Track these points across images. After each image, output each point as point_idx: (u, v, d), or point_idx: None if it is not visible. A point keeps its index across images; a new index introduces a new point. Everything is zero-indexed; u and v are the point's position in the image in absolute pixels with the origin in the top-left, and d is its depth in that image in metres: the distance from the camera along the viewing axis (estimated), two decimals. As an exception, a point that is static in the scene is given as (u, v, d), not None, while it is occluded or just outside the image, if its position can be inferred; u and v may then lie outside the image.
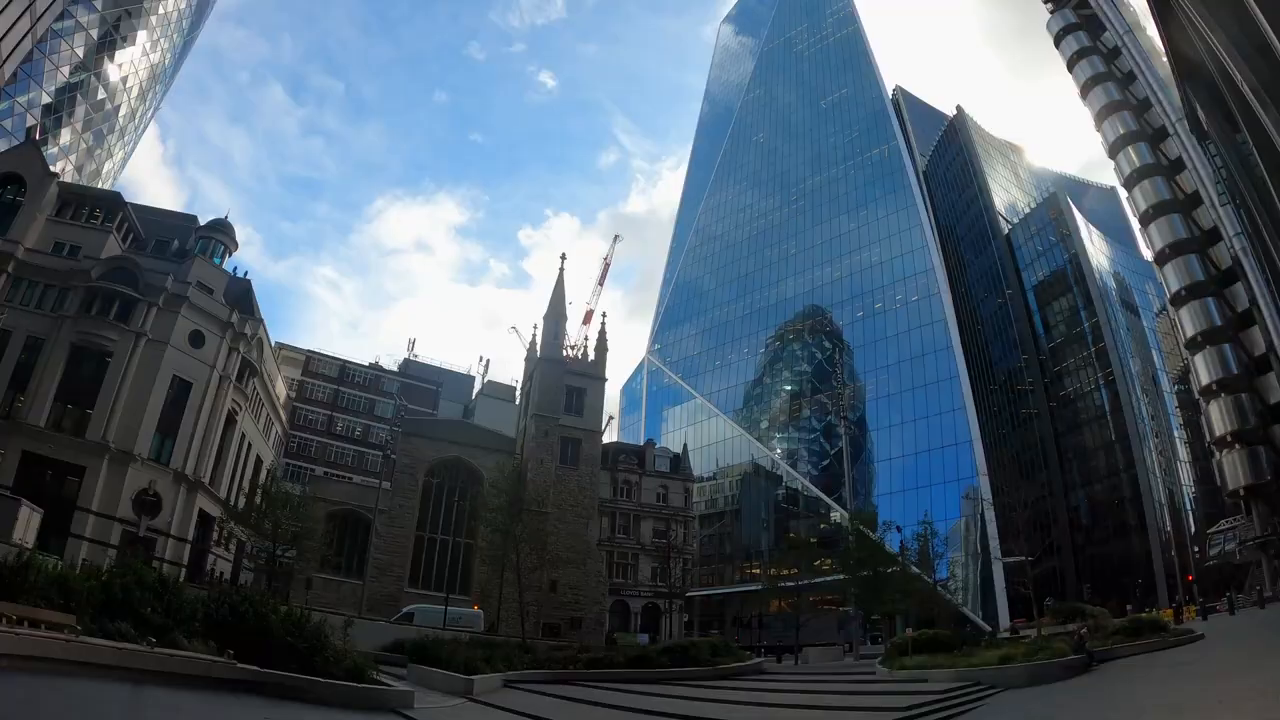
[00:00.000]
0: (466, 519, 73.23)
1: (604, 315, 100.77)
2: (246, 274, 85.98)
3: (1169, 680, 26.74)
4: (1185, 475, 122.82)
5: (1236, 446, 78.92)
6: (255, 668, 20.58)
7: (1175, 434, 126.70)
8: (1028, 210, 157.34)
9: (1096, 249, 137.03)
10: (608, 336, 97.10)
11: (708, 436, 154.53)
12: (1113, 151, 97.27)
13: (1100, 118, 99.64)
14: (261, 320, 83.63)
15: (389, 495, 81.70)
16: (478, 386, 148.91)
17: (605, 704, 30.43)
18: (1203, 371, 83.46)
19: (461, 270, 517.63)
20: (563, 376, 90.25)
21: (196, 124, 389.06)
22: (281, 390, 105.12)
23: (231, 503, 72.49)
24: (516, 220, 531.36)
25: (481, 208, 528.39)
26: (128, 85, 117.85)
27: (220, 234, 79.13)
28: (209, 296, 72.50)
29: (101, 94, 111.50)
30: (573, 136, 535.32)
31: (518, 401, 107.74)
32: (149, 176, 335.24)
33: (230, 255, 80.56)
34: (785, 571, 77.40)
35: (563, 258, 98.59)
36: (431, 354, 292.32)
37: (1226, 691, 22.15)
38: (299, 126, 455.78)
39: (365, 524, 78.51)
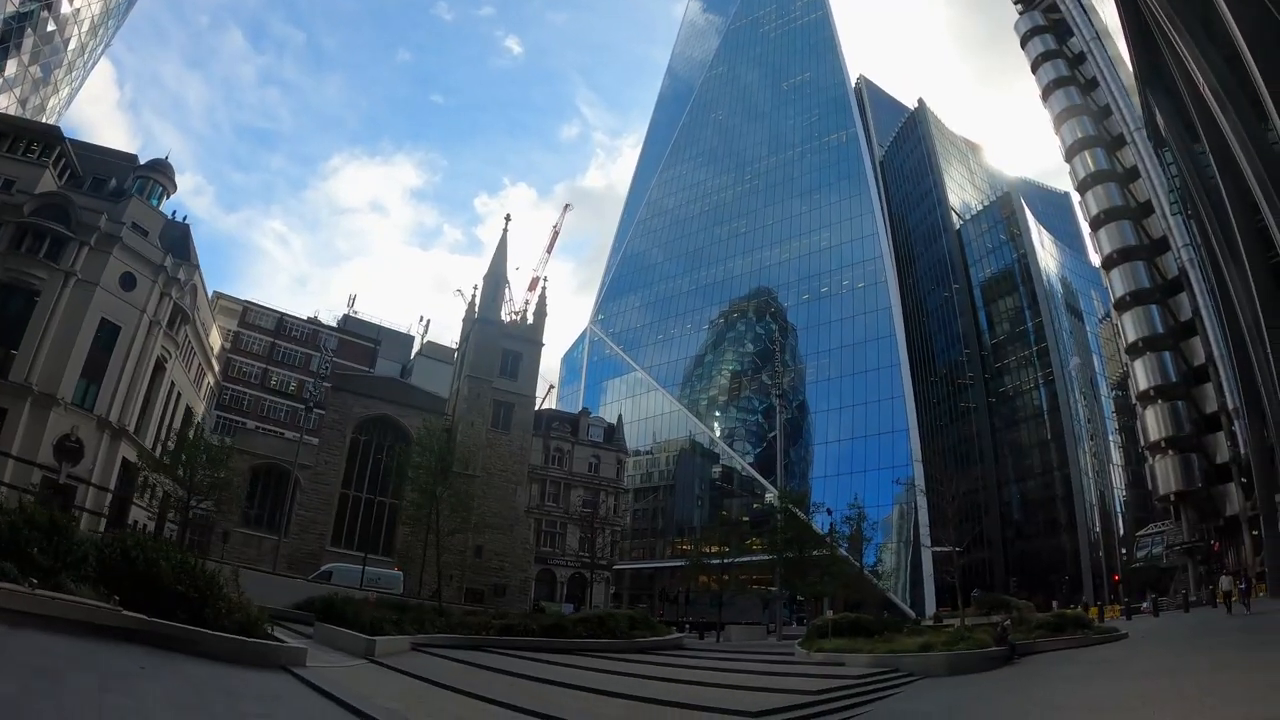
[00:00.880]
0: (393, 479, 71.46)
1: (545, 279, 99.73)
2: (185, 218, 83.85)
3: (1091, 678, 25.94)
4: (1117, 478, 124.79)
5: (1170, 452, 80.00)
6: (142, 616, 19.01)
7: (1110, 438, 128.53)
8: (981, 207, 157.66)
9: (1046, 251, 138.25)
10: (547, 302, 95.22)
11: (646, 410, 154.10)
12: (1069, 154, 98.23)
13: (1060, 120, 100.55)
14: (197, 266, 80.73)
15: (315, 451, 79.72)
16: (417, 347, 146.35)
17: (509, 671, 29.20)
18: (1141, 377, 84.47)
19: (415, 233, 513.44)
20: (499, 339, 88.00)
21: (152, 66, 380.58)
22: (216, 340, 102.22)
23: (158, 454, 69.86)
24: (473, 187, 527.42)
25: (439, 172, 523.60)
26: (79, 18, 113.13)
27: (159, 174, 75.98)
28: (143, 238, 69.59)
29: (51, 26, 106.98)
30: (535, 105, 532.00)
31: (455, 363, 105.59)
32: (104, 121, 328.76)
33: (168, 197, 77.66)
34: (712, 549, 76.68)
35: (507, 219, 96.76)
36: (375, 312, 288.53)
37: (1150, 692, 21.32)
38: (257, 74, 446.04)
39: (291, 479, 76.43)
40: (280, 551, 69.92)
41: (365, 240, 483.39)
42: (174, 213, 78.51)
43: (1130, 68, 72.52)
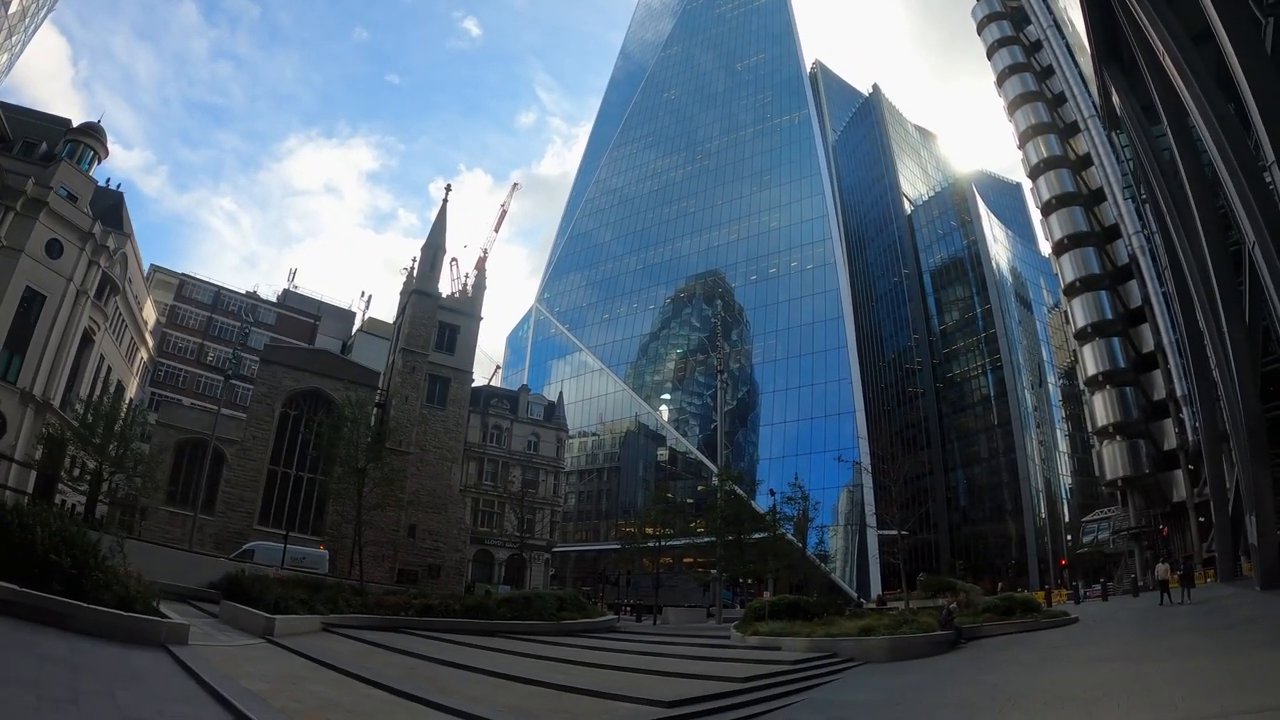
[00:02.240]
0: (315, 451, 68.59)
1: (484, 251, 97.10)
2: (119, 186, 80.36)
3: (1043, 664, 24.13)
4: (1063, 465, 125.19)
5: (1118, 438, 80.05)
6: (13, 586, 18.30)
7: (1057, 426, 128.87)
8: (933, 194, 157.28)
9: (996, 239, 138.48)
10: (486, 276, 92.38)
11: (592, 390, 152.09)
12: (1023, 140, 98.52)
13: (1014, 106, 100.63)
14: (129, 235, 77.27)
15: (242, 426, 76.67)
16: (359, 323, 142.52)
17: (414, 653, 27.37)
18: (1090, 362, 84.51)
19: (370, 217, 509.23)
20: (435, 311, 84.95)
21: (104, 38, 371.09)
22: (150, 313, 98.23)
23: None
24: (429, 171, 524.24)
25: (395, 155, 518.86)
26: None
27: (90, 137, 71.89)
28: (72, 205, 65.79)
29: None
30: (493, 89, 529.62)
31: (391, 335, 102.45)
32: (59, 100, 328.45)
33: (100, 161, 73.70)
34: (650, 531, 74.76)
35: (448, 188, 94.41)
36: (318, 289, 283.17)
37: (1111, 681, 19.44)
38: (209, 48, 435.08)
39: (218, 455, 73.32)
40: (206, 530, 67.37)
41: (318, 222, 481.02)
42: (108, 180, 74.93)
43: (1088, 51, 71.47)
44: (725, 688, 21.16)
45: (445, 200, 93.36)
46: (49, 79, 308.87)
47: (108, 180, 75.85)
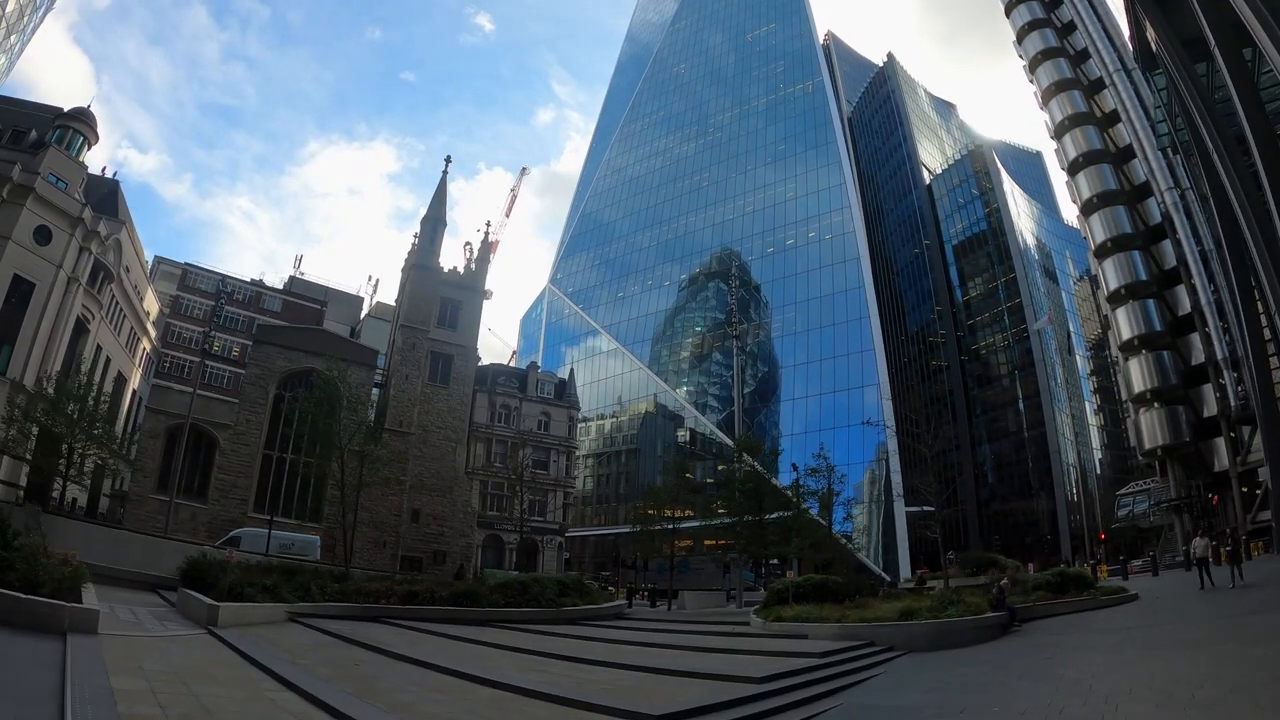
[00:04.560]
0: (319, 433, 65.54)
1: (488, 223, 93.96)
2: (115, 174, 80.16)
3: (1124, 651, 20.03)
4: (1094, 439, 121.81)
5: (1155, 405, 77.08)
6: None
7: (1086, 399, 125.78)
8: (952, 162, 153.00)
9: (1018, 207, 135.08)
10: (492, 250, 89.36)
11: (607, 370, 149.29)
12: (1046, 98, 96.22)
13: (1035, 63, 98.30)
14: (125, 222, 75.88)
15: (235, 409, 73.79)
16: (367, 308, 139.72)
17: (377, 647, 23.84)
18: (1124, 326, 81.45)
19: (394, 217, 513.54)
20: (437, 286, 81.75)
21: (116, 46, 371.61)
22: (153, 303, 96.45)
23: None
24: (450, 171, 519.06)
25: (416, 155, 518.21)
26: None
27: (78, 123, 70.83)
28: (62, 191, 64.63)
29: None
30: (508, 83, 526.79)
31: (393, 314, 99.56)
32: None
33: (90, 147, 72.72)
34: (668, 512, 71.38)
35: (447, 160, 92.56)
36: (323, 274, 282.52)
37: (1224, 673, 15.33)
38: (221, 51, 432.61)
39: (211, 441, 70.98)
40: (199, 518, 65.59)
41: (341, 224, 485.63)
42: (103, 169, 73.38)
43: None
44: (736, 691, 16.99)
45: (445, 172, 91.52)
46: (72, 97, 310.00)
47: (103, 168, 74.22)
